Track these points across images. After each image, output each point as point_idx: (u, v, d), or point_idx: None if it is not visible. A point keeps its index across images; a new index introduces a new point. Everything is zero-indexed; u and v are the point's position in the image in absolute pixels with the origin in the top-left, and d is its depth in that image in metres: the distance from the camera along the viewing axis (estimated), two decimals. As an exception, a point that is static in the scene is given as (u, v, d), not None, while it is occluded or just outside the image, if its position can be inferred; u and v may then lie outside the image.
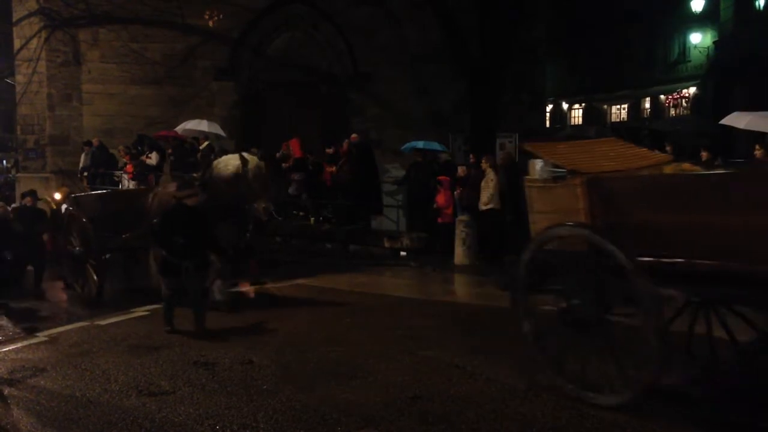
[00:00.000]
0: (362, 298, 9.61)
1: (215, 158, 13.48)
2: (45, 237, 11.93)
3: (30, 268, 11.48)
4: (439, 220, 12.71)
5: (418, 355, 6.64)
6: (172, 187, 9.68)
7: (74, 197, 11.34)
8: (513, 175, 11.34)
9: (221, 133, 16.74)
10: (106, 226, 10.14)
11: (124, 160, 16.63)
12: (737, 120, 10.70)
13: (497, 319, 7.56)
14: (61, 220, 11.54)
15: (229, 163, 9.12)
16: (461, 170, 12.98)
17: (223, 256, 8.58)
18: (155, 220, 8.58)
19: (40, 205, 12.71)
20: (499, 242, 11.59)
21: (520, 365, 6.00)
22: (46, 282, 11.63)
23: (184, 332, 7.78)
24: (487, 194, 11.72)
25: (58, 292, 11.29)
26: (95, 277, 9.94)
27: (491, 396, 5.52)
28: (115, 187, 15.81)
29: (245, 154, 9.19)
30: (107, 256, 10.32)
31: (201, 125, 16.32)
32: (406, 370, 6.13)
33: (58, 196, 13.01)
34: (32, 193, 12.56)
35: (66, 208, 11.78)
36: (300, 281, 10.37)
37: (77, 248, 10.25)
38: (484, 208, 11.79)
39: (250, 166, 8.82)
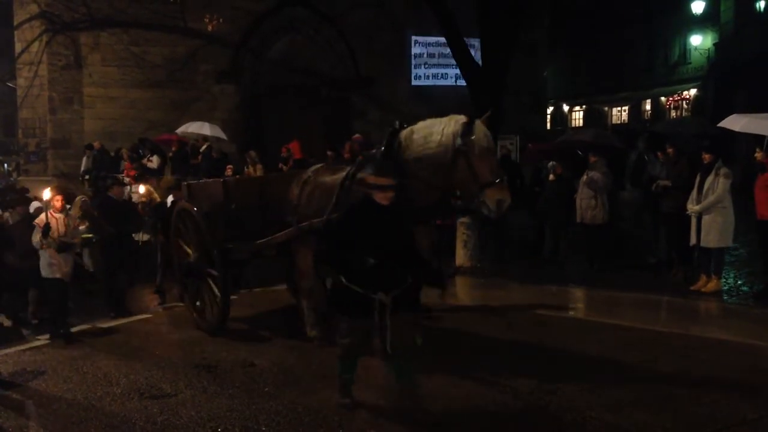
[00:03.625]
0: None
1: (215, 159, 12.87)
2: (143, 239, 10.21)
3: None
4: (438, 221, 12.65)
5: (419, 356, 6.62)
6: (336, 172, 6.94)
7: (187, 185, 8.84)
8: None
9: (222, 135, 16.74)
10: (231, 226, 7.82)
11: (125, 163, 16.64)
12: (734, 122, 10.71)
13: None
14: (160, 218, 9.69)
15: (431, 134, 6.07)
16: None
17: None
18: (331, 221, 6.09)
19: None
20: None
21: (519, 368, 6.01)
22: (139, 298, 9.91)
23: (185, 334, 7.78)
24: None
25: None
26: (218, 296, 7.61)
27: (494, 399, 5.51)
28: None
29: (459, 117, 5.95)
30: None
31: (202, 128, 16.33)
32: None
33: (142, 189, 11.11)
34: (119, 182, 10.29)
35: (170, 202, 9.84)
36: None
37: (190, 256, 8.16)
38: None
39: (477, 134, 5.77)
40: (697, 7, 26.68)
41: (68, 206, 9.38)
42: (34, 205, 9.54)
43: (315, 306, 7.16)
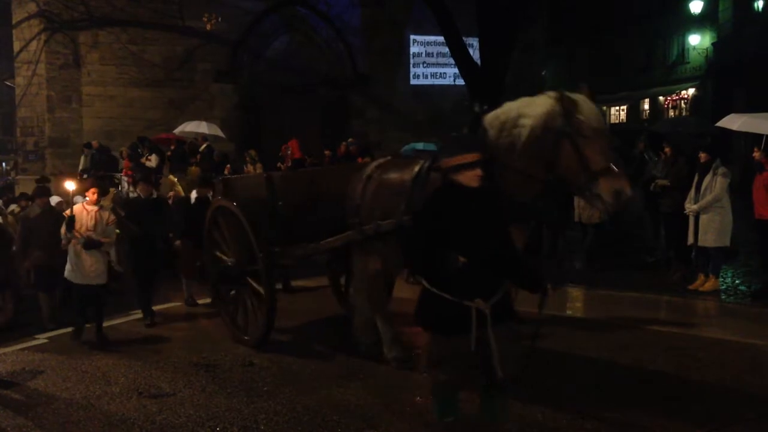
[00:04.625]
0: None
1: (216, 160, 12.64)
2: (177, 243, 9.15)
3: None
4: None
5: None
6: (405, 167, 5.96)
7: (224, 180, 8.11)
8: None
9: (220, 134, 16.74)
10: (277, 227, 6.94)
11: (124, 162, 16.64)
12: (731, 122, 10.72)
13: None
14: (193, 217, 8.76)
15: (523, 116, 5.03)
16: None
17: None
18: (409, 217, 5.13)
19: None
20: None
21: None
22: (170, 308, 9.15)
23: (184, 333, 7.78)
24: None
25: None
26: (261, 304, 6.86)
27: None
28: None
29: (555, 94, 5.05)
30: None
31: (200, 127, 16.33)
32: (406, 372, 6.12)
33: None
34: (147, 179, 9.33)
35: (193, 198, 9.06)
36: (296, 283, 10.31)
37: (227, 261, 7.30)
38: None
39: (584, 112, 4.84)
40: (696, 6, 26.65)
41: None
42: (54, 199, 9.06)
43: (385, 320, 6.39)
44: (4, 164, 30.31)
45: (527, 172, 4.99)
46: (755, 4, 24.34)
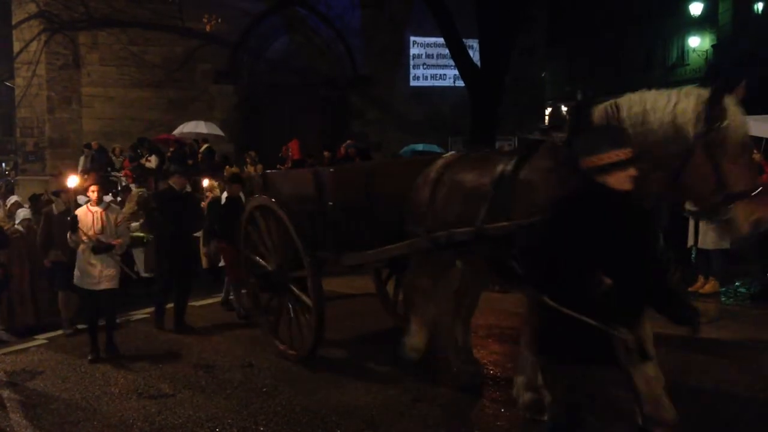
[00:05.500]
0: (364, 301, 9.57)
1: (216, 161, 12.43)
2: (217, 245, 8.51)
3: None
4: None
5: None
6: (481, 167, 5.12)
7: (264, 175, 7.56)
8: None
9: (219, 133, 16.75)
10: (325, 229, 6.27)
11: (124, 163, 16.65)
12: None
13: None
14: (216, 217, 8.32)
15: (652, 111, 4.19)
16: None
17: None
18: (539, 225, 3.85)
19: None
20: None
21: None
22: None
23: (183, 334, 7.77)
24: None
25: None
26: (306, 319, 6.32)
27: (492, 398, 5.51)
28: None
29: (697, 91, 4.13)
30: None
31: (199, 127, 16.35)
32: (407, 373, 6.12)
33: (206, 183, 9.72)
34: (183, 170, 8.64)
35: (224, 198, 8.44)
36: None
37: (267, 265, 6.67)
38: None
39: (732, 118, 4.01)
40: (695, 8, 26.69)
41: (110, 199, 8.55)
42: (81, 198, 8.09)
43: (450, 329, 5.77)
44: (3, 165, 30.31)
45: (641, 184, 3.76)
46: (755, 6, 24.37)
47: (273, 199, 6.52)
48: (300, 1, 19.72)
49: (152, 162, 15.85)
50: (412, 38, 20.90)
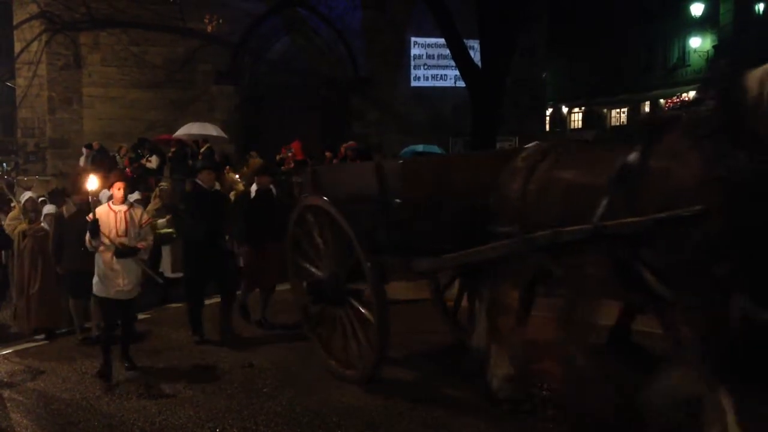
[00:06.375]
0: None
1: (217, 161, 11.96)
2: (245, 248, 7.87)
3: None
4: None
5: (418, 357, 6.63)
6: (587, 159, 4.71)
7: (313, 170, 6.74)
8: None
9: (222, 135, 16.75)
10: (391, 230, 5.55)
11: (125, 164, 16.65)
12: None
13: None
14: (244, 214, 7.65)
15: None
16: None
17: None
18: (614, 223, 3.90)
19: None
20: None
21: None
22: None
23: (184, 334, 7.76)
24: None
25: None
26: (366, 334, 5.61)
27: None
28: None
29: None
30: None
31: (207, 129, 16.35)
32: (407, 374, 6.11)
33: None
34: (212, 165, 7.91)
35: (254, 191, 7.88)
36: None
37: (318, 273, 6.10)
38: None
39: None
40: (697, 9, 26.70)
41: (137, 197, 8.06)
42: (105, 194, 7.36)
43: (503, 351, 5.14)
44: (4, 165, 30.32)
45: None
46: (756, 7, 24.36)
47: (326, 198, 5.83)
48: (301, 2, 19.72)
49: (153, 162, 15.84)
50: (412, 39, 20.91)
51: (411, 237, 5.43)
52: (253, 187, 8.12)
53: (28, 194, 9.14)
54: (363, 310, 5.62)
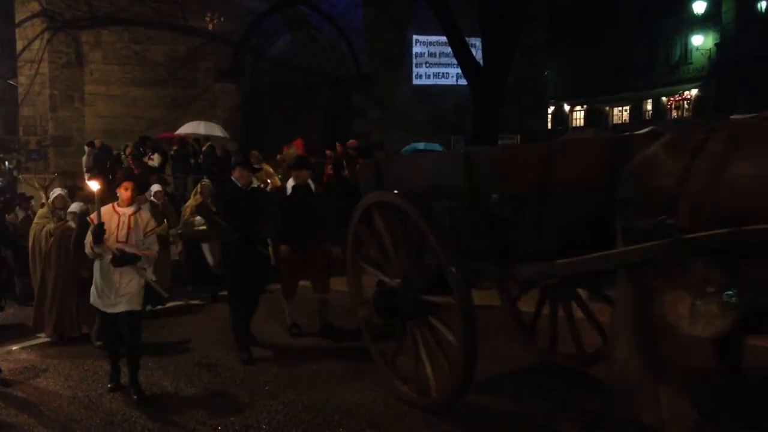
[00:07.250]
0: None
1: (218, 157, 12.09)
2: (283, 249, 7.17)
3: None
4: None
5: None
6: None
7: (376, 162, 6.29)
8: None
9: (224, 133, 16.76)
10: (484, 231, 4.66)
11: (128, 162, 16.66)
12: None
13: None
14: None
15: None
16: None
17: None
18: None
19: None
20: None
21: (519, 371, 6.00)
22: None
23: (186, 332, 7.78)
24: None
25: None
26: (446, 353, 4.91)
27: (494, 398, 5.51)
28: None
29: None
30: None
31: (202, 127, 16.37)
32: (408, 374, 6.11)
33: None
34: (245, 163, 7.01)
35: (290, 187, 7.34)
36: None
37: (388, 281, 5.37)
38: None
39: None
40: (699, 7, 26.69)
41: (148, 200, 7.71)
42: (77, 206, 7.20)
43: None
44: (6, 163, 30.38)
45: None
46: (758, 5, 24.35)
47: (398, 194, 5.06)
48: (302, 0, 19.73)
49: (155, 160, 15.85)
50: (414, 37, 20.92)
51: (510, 238, 4.56)
52: (290, 183, 7.50)
53: (57, 191, 8.77)
54: (442, 329, 4.90)
